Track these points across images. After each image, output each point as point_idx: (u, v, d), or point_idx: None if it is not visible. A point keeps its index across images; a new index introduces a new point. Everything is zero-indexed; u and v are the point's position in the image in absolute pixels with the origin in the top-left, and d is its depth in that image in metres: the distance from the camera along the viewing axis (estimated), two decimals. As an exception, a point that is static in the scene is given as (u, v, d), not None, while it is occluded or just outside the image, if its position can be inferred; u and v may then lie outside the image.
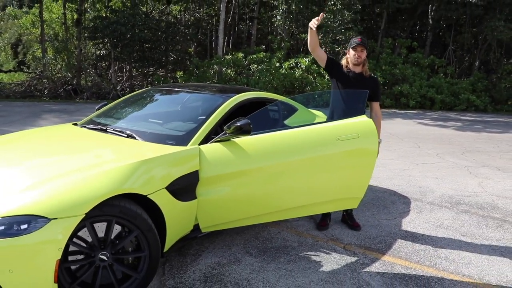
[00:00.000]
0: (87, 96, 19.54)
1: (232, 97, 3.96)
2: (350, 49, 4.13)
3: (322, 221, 4.33)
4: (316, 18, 3.94)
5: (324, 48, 19.78)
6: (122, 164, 2.86)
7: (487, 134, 11.80)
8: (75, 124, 4.20)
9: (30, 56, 28.56)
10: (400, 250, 3.84)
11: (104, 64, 23.84)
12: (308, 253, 3.71)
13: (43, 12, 22.11)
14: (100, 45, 20.71)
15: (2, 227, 2.37)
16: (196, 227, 3.45)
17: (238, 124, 3.27)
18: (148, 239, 2.82)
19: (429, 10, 23.05)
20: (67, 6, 22.18)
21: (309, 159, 3.46)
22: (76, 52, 21.75)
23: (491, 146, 9.77)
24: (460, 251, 3.85)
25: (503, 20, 20.00)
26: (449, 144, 9.81)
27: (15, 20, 29.70)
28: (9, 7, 31.57)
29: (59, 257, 2.44)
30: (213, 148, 3.36)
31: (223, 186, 3.34)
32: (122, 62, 21.69)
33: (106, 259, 2.73)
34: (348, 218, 4.38)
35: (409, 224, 4.48)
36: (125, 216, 2.71)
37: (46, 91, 19.96)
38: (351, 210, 4.40)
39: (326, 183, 3.58)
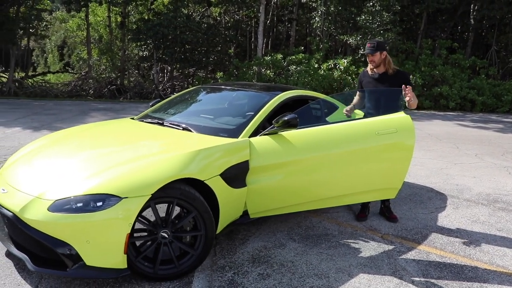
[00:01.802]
0: (130, 96, 20.31)
1: (278, 94, 4.27)
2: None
3: (361, 212, 4.56)
4: (346, 109, 4.46)
5: (362, 49, 19.84)
6: (182, 152, 3.22)
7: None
8: (132, 119, 4.60)
9: (76, 58, 29.78)
10: (435, 241, 4.04)
11: (146, 65, 24.65)
12: (347, 240, 3.96)
13: (89, 16, 23.05)
14: (143, 46, 21.41)
15: (81, 204, 2.76)
16: (245, 213, 3.77)
17: (286, 118, 3.57)
18: (204, 219, 3.15)
19: (471, 10, 22.68)
20: (111, 9, 23.03)
21: (350, 152, 3.73)
22: (120, 54, 22.60)
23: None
24: (495, 245, 4.01)
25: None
26: (489, 145, 9.79)
27: (62, 24, 30.97)
28: (57, 11, 32.93)
29: (129, 231, 2.81)
30: (262, 140, 3.67)
31: (270, 175, 3.64)
32: (164, 63, 22.38)
33: (167, 236, 3.07)
34: (386, 211, 4.59)
35: (445, 218, 4.65)
36: (185, 198, 3.05)
37: (91, 91, 20.87)
38: (389, 203, 4.59)
39: (366, 174, 3.84)
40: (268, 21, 25.48)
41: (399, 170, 3.86)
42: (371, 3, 19.61)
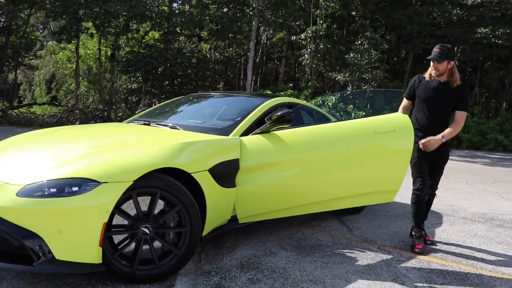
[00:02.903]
0: (117, 128, 20.05)
1: (270, 99, 4.11)
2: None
3: (418, 243, 3.81)
4: (421, 142, 3.68)
5: (350, 86, 20.03)
6: (169, 143, 3.00)
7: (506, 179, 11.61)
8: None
9: (63, 92, 29.68)
10: (435, 251, 3.82)
11: (134, 98, 24.56)
12: (343, 250, 3.71)
13: (79, 48, 23.09)
14: (132, 79, 21.39)
15: (54, 189, 2.49)
16: (234, 219, 3.51)
17: (280, 113, 3.38)
18: (190, 214, 2.90)
19: (455, 52, 23.20)
20: (102, 42, 23.12)
21: (347, 151, 3.54)
22: (108, 86, 22.52)
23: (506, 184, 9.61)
24: (497, 255, 3.80)
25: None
26: (479, 175, 9.69)
27: (52, 56, 31.02)
28: (49, 43, 33.09)
29: (106, 220, 2.54)
30: (254, 139, 3.47)
31: (261, 176, 3.42)
32: (153, 96, 22.31)
33: (148, 232, 2.80)
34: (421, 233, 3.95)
35: (442, 232, 4.44)
36: (170, 189, 2.81)
37: (77, 123, 20.59)
38: (423, 224, 4.02)
39: (363, 175, 3.63)
40: (258, 59, 25.77)
41: (397, 171, 3.66)
42: (359, 42, 19.96)
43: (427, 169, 3.86)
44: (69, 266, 2.51)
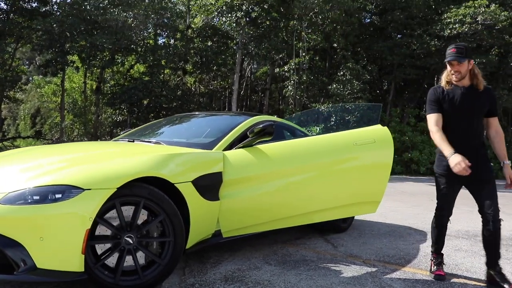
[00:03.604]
0: (102, 159, 19.92)
1: (253, 117, 4.18)
2: (447, 63, 3.26)
3: (439, 269, 3.48)
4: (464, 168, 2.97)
5: (334, 117, 20.32)
6: (152, 154, 3.02)
7: (502, 194, 11.73)
8: (101, 144, 4.39)
9: (48, 126, 29.54)
10: (420, 264, 3.82)
11: (120, 131, 24.51)
12: (327, 264, 3.70)
13: (65, 81, 23.16)
14: (118, 111, 21.42)
15: (37, 197, 2.49)
16: (217, 234, 3.50)
17: (261, 126, 3.44)
18: (173, 224, 2.89)
19: (435, 82, 23.78)
20: (87, 75, 23.24)
21: (328, 163, 3.59)
22: (93, 119, 22.50)
23: (509, 200, 9.72)
24: (481, 268, 3.81)
25: (506, 89, 20.56)
26: (464, 199, 9.68)
27: (37, 90, 31.02)
28: (35, 76, 33.14)
29: (89, 227, 2.52)
30: (236, 153, 3.51)
31: (244, 189, 3.44)
32: (137, 128, 22.31)
33: (132, 242, 2.78)
34: (499, 278, 3.24)
35: (427, 248, 4.45)
36: (153, 198, 2.81)
37: (61, 155, 20.40)
38: (500, 267, 3.32)
39: (345, 187, 3.67)
40: (242, 91, 26.08)
41: (379, 182, 3.71)
42: (342, 73, 20.38)
43: (456, 196, 3.55)
44: (51, 274, 2.48)
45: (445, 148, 3.11)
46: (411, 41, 20.79)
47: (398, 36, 22.53)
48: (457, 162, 2.97)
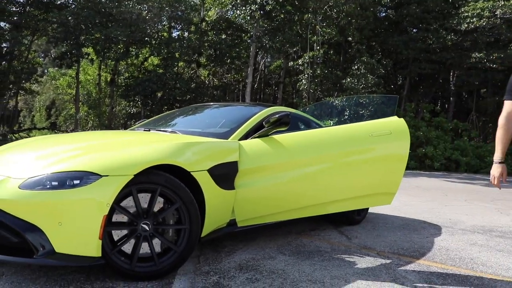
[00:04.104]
0: (116, 151, 20.08)
1: (268, 107, 4.17)
2: None
3: None
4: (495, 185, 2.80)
5: (348, 111, 20.20)
6: (169, 143, 3.04)
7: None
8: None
9: (63, 118, 29.85)
10: (434, 257, 3.80)
11: (133, 123, 24.68)
12: (341, 255, 3.70)
13: (79, 74, 23.36)
14: (132, 103, 21.55)
15: (56, 182, 2.52)
16: (232, 223, 3.52)
17: (277, 116, 3.43)
18: (189, 211, 2.91)
19: (451, 77, 23.51)
20: (102, 68, 23.40)
21: (344, 153, 3.58)
22: (107, 111, 22.68)
23: None
24: (497, 261, 3.78)
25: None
26: (477, 194, 9.69)
27: (53, 82, 31.35)
28: (50, 69, 33.51)
29: (106, 213, 2.55)
30: (252, 143, 3.51)
31: (260, 178, 3.45)
32: (151, 120, 22.43)
33: (148, 229, 2.81)
34: None
35: (441, 241, 4.43)
36: (169, 185, 2.83)
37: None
38: None
39: (361, 177, 3.66)
40: (256, 85, 26.05)
41: (394, 173, 3.69)
42: (356, 67, 20.25)
43: None
44: (69, 259, 2.51)
45: (496, 151, 2.83)
46: (427, 35, 20.56)
47: (414, 30, 22.30)
48: (493, 174, 2.80)
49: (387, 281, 3.09)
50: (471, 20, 19.04)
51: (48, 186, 2.50)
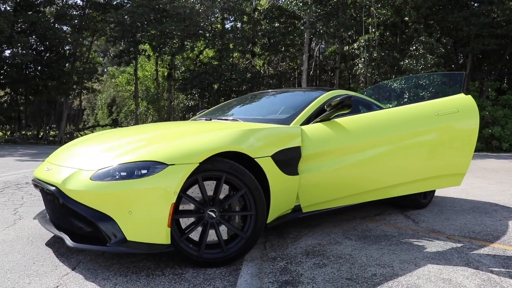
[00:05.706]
0: (176, 144, 20.62)
1: (327, 92, 4.12)
2: None
3: None
4: None
5: (407, 93, 19.57)
6: (232, 130, 3.07)
7: None
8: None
9: (123, 114, 30.96)
10: (510, 240, 3.62)
11: (192, 116, 25.22)
12: (409, 240, 3.60)
13: (137, 70, 24.11)
14: (189, 96, 21.98)
15: (125, 173, 2.62)
16: (297, 209, 3.51)
17: (339, 99, 3.38)
18: (255, 198, 2.93)
19: (519, 53, 22.16)
20: (159, 63, 24.02)
21: (409, 134, 3.47)
22: (166, 105, 23.28)
23: None
24: None
25: None
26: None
27: (112, 80, 32.57)
28: (110, 67, 34.86)
29: (174, 201, 2.61)
30: (314, 127, 3.48)
31: (323, 162, 3.41)
32: (208, 112, 22.82)
33: (214, 216, 2.85)
34: None
35: (517, 224, 4.21)
36: (234, 172, 2.86)
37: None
38: None
39: (428, 158, 3.54)
40: (311, 72, 25.78)
41: (463, 153, 3.54)
42: (414, 47, 19.55)
43: None
44: (139, 247, 2.60)
45: None
46: (490, 8, 19.43)
47: (475, 4, 21.14)
48: None
49: (460, 265, 2.97)
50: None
51: (117, 177, 2.61)
